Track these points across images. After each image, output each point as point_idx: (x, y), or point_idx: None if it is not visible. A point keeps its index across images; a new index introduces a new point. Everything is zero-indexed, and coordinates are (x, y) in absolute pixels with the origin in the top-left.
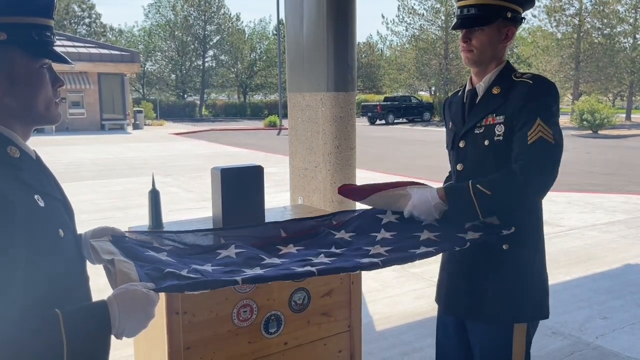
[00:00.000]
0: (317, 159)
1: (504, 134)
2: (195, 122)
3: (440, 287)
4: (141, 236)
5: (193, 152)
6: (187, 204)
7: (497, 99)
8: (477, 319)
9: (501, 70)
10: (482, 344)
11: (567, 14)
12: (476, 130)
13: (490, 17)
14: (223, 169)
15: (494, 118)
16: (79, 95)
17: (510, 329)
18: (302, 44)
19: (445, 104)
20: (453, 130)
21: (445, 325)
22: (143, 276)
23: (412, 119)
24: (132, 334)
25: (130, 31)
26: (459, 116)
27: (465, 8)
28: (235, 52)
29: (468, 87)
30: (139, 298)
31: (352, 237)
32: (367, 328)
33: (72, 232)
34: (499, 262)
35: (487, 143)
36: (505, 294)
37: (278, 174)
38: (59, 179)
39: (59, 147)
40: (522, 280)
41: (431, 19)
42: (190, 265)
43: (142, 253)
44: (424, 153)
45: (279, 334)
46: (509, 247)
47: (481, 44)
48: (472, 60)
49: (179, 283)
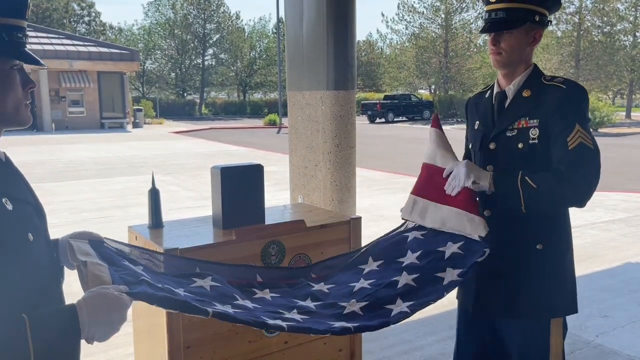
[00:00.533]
0: (317, 157)
1: (539, 137)
2: (195, 120)
3: (467, 291)
4: (120, 245)
5: (193, 151)
6: (186, 202)
7: (529, 102)
8: (514, 317)
9: (530, 73)
10: (521, 342)
11: (567, 12)
12: (508, 133)
13: (518, 21)
14: (223, 167)
15: (527, 121)
16: (79, 93)
17: (547, 324)
18: (302, 42)
19: (468, 104)
20: (481, 132)
21: (467, 321)
22: (117, 279)
23: (412, 117)
24: (103, 339)
25: (130, 29)
26: (487, 118)
27: (493, 12)
28: (235, 50)
29: (496, 90)
30: (110, 301)
31: (330, 289)
32: None
33: (44, 236)
34: (534, 261)
35: (521, 146)
36: (541, 291)
37: (278, 172)
38: (59, 177)
39: (59, 146)
40: (557, 277)
41: (431, 17)
42: (164, 284)
43: (119, 261)
44: (423, 152)
45: (279, 333)
46: (542, 247)
47: (510, 47)
48: (501, 63)
49: (153, 293)
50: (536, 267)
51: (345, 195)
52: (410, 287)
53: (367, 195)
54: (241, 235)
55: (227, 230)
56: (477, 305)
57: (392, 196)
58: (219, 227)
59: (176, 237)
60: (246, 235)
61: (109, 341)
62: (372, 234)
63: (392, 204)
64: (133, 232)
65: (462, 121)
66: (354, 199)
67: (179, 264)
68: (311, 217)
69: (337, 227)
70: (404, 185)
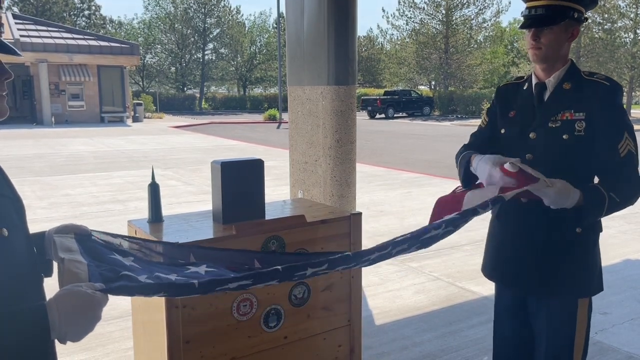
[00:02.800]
0: (317, 152)
1: (585, 129)
2: (195, 115)
3: (502, 262)
4: (108, 237)
5: (193, 145)
6: (186, 197)
7: (570, 94)
8: (546, 294)
9: (569, 68)
10: (549, 318)
11: None
12: (551, 124)
13: (558, 17)
14: (223, 162)
15: (572, 114)
16: (79, 87)
17: (575, 303)
18: (303, 37)
19: (500, 91)
20: (519, 121)
21: (502, 299)
22: (97, 276)
23: (412, 113)
24: (76, 338)
25: (130, 23)
26: (527, 108)
27: (533, 8)
28: (235, 45)
29: (535, 81)
30: (83, 300)
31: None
32: (367, 322)
33: (21, 231)
34: (572, 243)
35: (565, 137)
36: (574, 271)
37: (278, 167)
38: (59, 171)
39: (59, 140)
40: (589, 260)
41: (432, 12)
42: (154, 272)
43: (106, 255)
44: (423, 147)
45: (279, 328)
46: (582, 230)
47: (549, 42)
48: (540, 57)
49: (129, 284)
50: (573, 249)
51: (346, 190)
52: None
53: (367, 191)
54: (241, 230)
55: (227, 225)
56: (517, 282)
57: (392, 192)
58: (219, 222)
59: (176, 231)
60: (246, 230)
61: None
62: (372, 230)
63: (392, 199)
64: (133, 227)
65: (462, 117)
66: (354, 195)
67: (172, 252)
68: (311, 212)
69: (338, 222)
70: (404, 180)
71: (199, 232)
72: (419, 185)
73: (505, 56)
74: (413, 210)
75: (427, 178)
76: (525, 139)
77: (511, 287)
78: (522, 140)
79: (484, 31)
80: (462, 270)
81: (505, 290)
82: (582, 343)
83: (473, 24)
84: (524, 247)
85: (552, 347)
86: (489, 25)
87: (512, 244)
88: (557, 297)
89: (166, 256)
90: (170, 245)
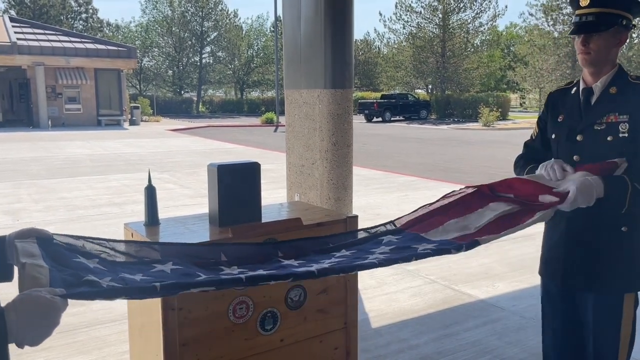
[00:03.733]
0: (314, 155)
1: (629, 131)
2: (192, 118)
3: (555, 263)
4: (70, 240)
5: (190, 149)
6: (183, 200)
7: (616, 98)
8: (594, 290)
9: (616, 72)
10: (596, 312)
11: (563, 13)
12: (596, 127)
13: (607, 24)
14: (220, 165)
15: (616, 116)
16: (75, 90)
17: (621, 298)
18: (300, 41)
19: (550, 98)
20: (567, 125)
21: (550, 294)
22: (58, 281)
23: (408, 117)
24: (34, 343)
25: (127, 27)
26: (574, 112)
27: (584, 15)
28: (233, 48)
29: (583, 86)
30: (41, 305)
31: (301, 263)
32: (363, 325)
33: None
34: (619, 241)
35: (610, 139)
36: (620, 268)
37: (275, 170)
38: (55, 174)
39: (56, 143)
40: (635, 257)
41: (428, 16)
42: (119, 273)
43: (69, 259)
44: (420, 150)
45: (275, 330)
46: (627, 229)
47: (598, 48)
48: (589, 62)
49: (90, 290)
50: (619, 247)
51: (342, 193)
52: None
53: (363, 194)
54: (237, 233)
55: (224, 228)
56: (566, 278)
57: (389, 195)
58: (215, 225)
59: (172, 234)
60: (242, 233)
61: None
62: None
63: (389, 202)
64: (129, 230)
65: (458, 121)
66: (351, 198)
67: (138, 251)
68: (307, 215)
69: (334, 225)
70: (400, 184)
71: (195, 234)
72: (416, 189)
73: (502, 60)
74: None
75: (423, 181)
76: (573, 142)
77: (560, 284)
78: (570, 142)
79: (481, 35)
80: (458, 274)
81: (553, 286)
82: (629, 337)
83: (470, 27)
84: (573, 246)
85: (599, 340)
86: (486, 29)
87: (563, 243)
88: (604, 293)
89: (131, 255)
90: (136, 244)
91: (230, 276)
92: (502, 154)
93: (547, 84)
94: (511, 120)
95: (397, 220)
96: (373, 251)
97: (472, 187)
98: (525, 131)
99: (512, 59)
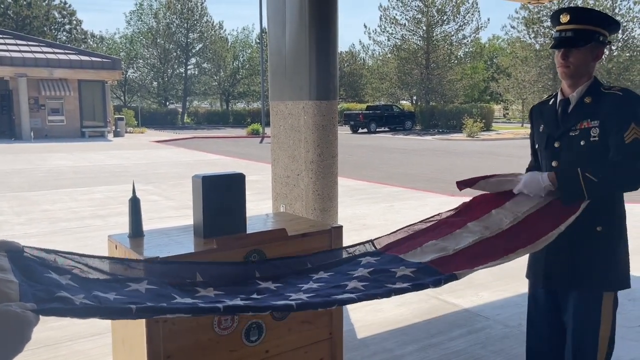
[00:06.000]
0: (299, 167)
1: (599, 135)
2: (177, 129)
3: (537, 264)
4: (42, 254)
5: (175, 160)
6: (168, 212)
7: (590, 106)
8: (573, 288)
9: (591, 84)
10: (575, 310)
11: (544, 26)
12: (571, 133)
13: (585, 40)
14: (204, 176)
15: (588, 122)
16: (59, 102)
17: (600, 297)
18: (285, 53)
19: (533, 110)
20: (546, 133)
21: (537, 299)
22: (29, 296)
23: (393, 128)
24: (4, 359)
25: (112, 38)
26: (552, 121)
27: (563, 31)
28: (218, 60)
29: (560, 97)
30: (11, 319)
31: (278, 287)
32: (349, 336)
33: None
34: (594, 241)
35: (582, 143)
36: (597, 266)
37: (260, 181)
38: (38, 186)
39: (39, 155)
40: (611, 256)
41: (413, 29)
42: (92, 291)
43: (41, 274)
44: (405, 161)
45: (260, 342)
46: (602, 229)
47: (577, 61)
48: (568, 75)
49: (63, 307)
50: (595, 246)
51: (327, 204)
52: (359, 289)
53: (349, 205)
54: (222, 244)
55: (208, 239)
56: (547, 277)
57: (374, 205)
58: (200, 236)
59: (156, 245)
60: (227, 244)
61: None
62: (353, 243)
63: (374, 212)
64: (113, 242)
65: (443, 132)
66: (336, 208)
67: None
68: (293, 225)
69: (319, 235)
70: (386, 194)
71: (180, 246)
72: (401, 199)
73: (485, 72)
74: (395, 224)
75: (409, 192)
76: (551, 148)
77: (542, 284)
78: (549, 149)
79: (464, 47)
80: None
81: (539, 289)
82: (607, 337)
83: (453, 40)
84: (553, 246)
85: (578, 339)
86: (469, 41)
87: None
88: (581, 290)
89: (105, 272)
90: (110, 260)
91: (208, 304)
92: (486, 165)
93: (529, 95)
94: (495, 131)
95: (377, 240)
96: (351, 274)
97: (449, 211)
98: (508, 142)
99: (495, 71)
